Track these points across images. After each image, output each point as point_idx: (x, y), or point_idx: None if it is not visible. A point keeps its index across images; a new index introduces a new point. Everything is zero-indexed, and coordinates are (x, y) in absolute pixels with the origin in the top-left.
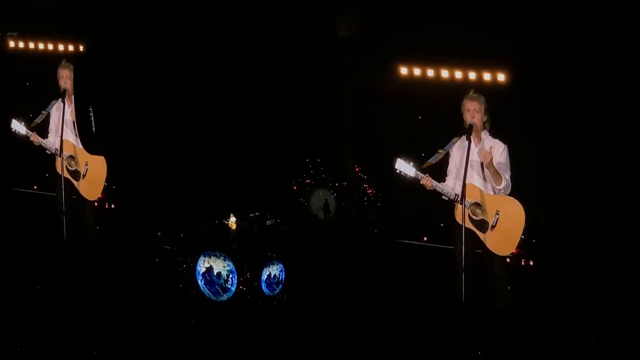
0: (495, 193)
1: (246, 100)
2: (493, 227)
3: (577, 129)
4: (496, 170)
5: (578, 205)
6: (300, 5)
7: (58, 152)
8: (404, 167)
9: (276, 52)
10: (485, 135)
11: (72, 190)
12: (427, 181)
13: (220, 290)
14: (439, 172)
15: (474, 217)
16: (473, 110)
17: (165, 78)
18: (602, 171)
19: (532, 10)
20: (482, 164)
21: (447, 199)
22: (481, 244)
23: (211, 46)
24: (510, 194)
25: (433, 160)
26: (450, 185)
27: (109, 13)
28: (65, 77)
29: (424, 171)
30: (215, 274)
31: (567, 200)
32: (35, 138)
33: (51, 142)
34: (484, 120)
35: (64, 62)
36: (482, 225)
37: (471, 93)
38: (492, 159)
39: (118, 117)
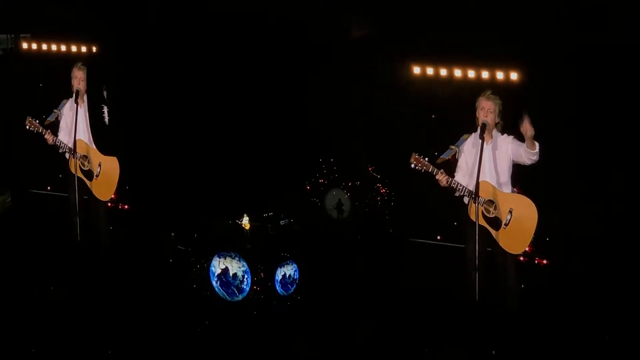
0: (501, 186)
1: (260, 100)
2: (506, 225)
3: (591, 128)
4: (532, 139)
5: (591, 203)
6: (313, 6)
7: (70, 151)
8: (420, 162)
9: (290, 53)
10: (495, 133)
11: (84, 191)
12: (442, 176)
13: (235, 291)
14: (450, 168)
15: (487, 215)
16: (487, 110)
17: (178, 79)
18: (616, 170)
19: (544, 9)
20: (495, 162)
21: (459, 194)
22: (492, 242)
23: (225, 47)
24: (523, 193)
25: (446, 155)
26: (462, 182)
27: (121, 14)
28: (79, 78)
29: (438, 167)
30: (231, 275)
31: (580, 198)
32: (49, 136)
33: (63, 140)
34: (497, 121)
35: (78, 64)
36: (496, 222)
37: (488, 93)
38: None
39: (131, 118)
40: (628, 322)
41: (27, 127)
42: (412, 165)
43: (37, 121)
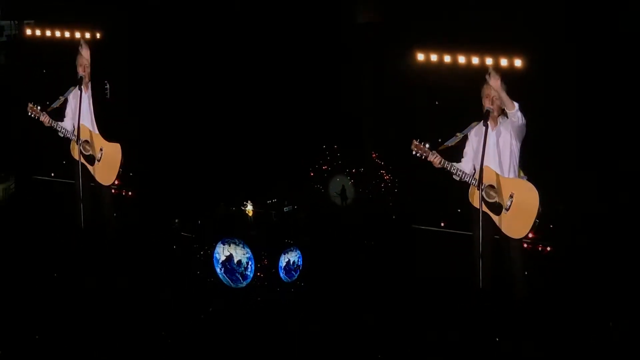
0: (512, 175)
1: (264, 86)
2: (507, 209)
3: (596, 114)
4: (506, 96)
5: (596, 190)
6: None
7: (73, 136)
8: (420, 148)
9: (294, 39)
10: (502, 119)
11: (90, 178)
12: (435, 157)
13: (240, 278)
14: (457, 154)
15: (488, 200)
16: (492, 96)
17: (183, 65)
18: (621, 156)
19: None
20: (499, 148)
21: (458, 178)
22: (499, 229)
23: (228, 31)
24: (526, 178)
25: (450, 142)
26: (465, 167)
27: (125, 0)
28: (84, 65)
29: (440, 153)
30: (235, 262)
31: (584, 185)
32: (45, 118)
33: (67, 126)
34: (503, 106)
35: (82, 50)
36: (496, 207)
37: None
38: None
39: (135, 104)
40: (631, 309)
41: (29, 113)
42: (413, 152)
43: (39, 107)
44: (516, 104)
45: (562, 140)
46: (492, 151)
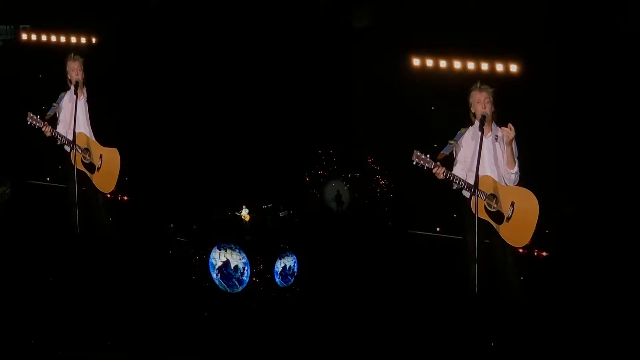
0: (505, 183)
1: (259, 91)
2: (509, 219)
3: (592, 120)
4: (512, 153)
5: (591, 195)
6: None
7: (69, 143)
8: (421, 159)
9: (289, 43)
10: (494, 126)
11: (83, 182)
12: (439, 169)
13: (237, 283)
14: (449, 162)
15: (489, 209)
16: (484, 101)
17: (178, 69)
18: (616, 161)
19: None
20: (495, 154)
21: (457, 187)
22: (491, 235)
23: (224, 36)
24: (524, 185)
25: (446, 151)
26: (459, 175)
27: (121, 4)
28: (77, 70)
29: (439, 162)
30: (232, 267)
31: (579, 190)
32: (47, 128)
33: (61, 132)
34: (492, 110)
35: (72, 55)
36: (498, 216)
37: (479, 84)
38: (514, 136)
39: (130, 109)
40: (627, 316)
41: (29, 122)
42: (414, 163)
43: (38, 116)
44: (516, 167)
45: (559, 145)
46: (488, 158)
